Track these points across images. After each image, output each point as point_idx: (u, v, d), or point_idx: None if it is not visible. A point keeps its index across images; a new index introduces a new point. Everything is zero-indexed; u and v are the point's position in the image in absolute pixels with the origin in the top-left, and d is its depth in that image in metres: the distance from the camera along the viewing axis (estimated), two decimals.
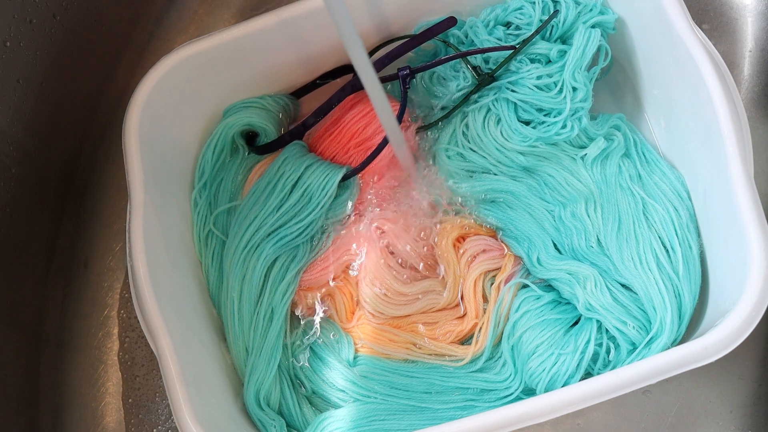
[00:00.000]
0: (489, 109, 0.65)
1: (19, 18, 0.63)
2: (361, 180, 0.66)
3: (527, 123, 0.64)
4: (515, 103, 0.64)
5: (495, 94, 0.64)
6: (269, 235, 0.63)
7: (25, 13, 0.63)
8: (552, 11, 0.64)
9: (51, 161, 0.69)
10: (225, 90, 0.68)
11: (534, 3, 0.65)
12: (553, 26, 0.64)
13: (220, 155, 0.67)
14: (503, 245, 0.64)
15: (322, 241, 0.64)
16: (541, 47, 0.63)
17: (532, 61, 0.64)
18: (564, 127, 0.62)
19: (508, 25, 0.66)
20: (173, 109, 0.65)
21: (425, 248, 0.64)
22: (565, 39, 0.65)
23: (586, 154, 0.63)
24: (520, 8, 0.65)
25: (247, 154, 0.68)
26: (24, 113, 0.65)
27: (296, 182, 0.64)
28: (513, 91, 0.63)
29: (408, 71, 0.65)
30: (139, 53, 0.78)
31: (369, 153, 0.64)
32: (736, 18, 0.75)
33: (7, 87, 0.63)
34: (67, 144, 0.72)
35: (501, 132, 0.64)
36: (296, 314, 0.64)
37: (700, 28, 0.59)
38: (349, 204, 0.65)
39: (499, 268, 0.63)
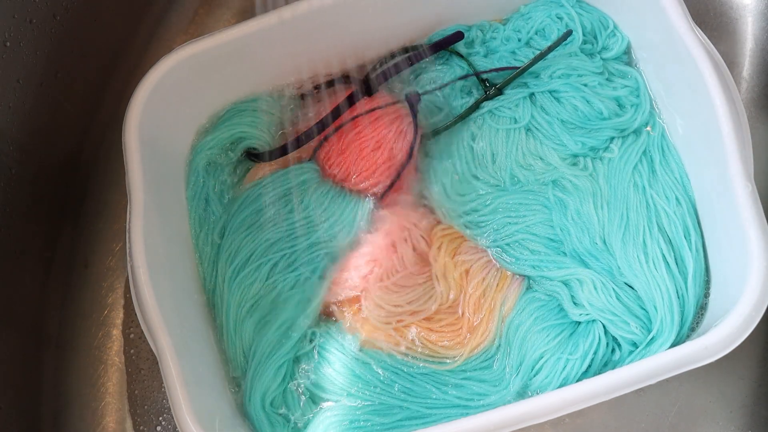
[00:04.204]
0: (513, 121, 0.65)
1: (19, 18, 0.63)
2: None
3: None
4: (556, 119, 0.64)
5: (522, 105, 0.65)
6: (285, 258, 0.63)
7: (25, 13, 0.63)
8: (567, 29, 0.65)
9: (51, 161, 0.69)
10: (225, 90, 0.68)
11: (560, 18, 0.66)
12: (593, 43, 0.66)
13: (211, 164, 0.68)
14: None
15: (339, 263, 0.64)
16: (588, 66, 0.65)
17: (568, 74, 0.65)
18: (609, 149, 0.63)
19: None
20: (173, 109, 0.65)
21: (422, 256, 0.64)
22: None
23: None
24: (542, 29, 0.66)
25: (241, 157, 0.68)
26: (24, 113, 0.65)
27: (323, 213, 0.64)
28: (555, 99, 0.64)
29: (416, 95, 0.65)
30: (139, 53, 0.78)
31: (375, 163, 0.64)
32: (736, 18, 0.75)
33: (7, 87, 0.63)
34: (67, 144, 0.72)
35: (529, 145, 0.65)
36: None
37: (700, 28, 0.59)
38: (360, 224, 0.65)
39: (500, 271, 0.63)
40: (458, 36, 0.67)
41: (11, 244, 0.65)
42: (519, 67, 0.66)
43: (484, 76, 0.67)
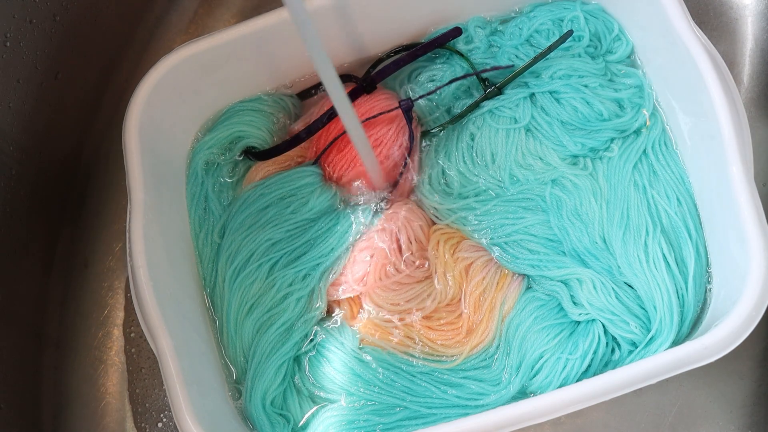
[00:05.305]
0: (514, 120, 0.65)
1: (19, 18, 0.63)
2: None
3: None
4: (556, 119, 0.64)
5: (523, 105, 0.65)
6: (285, 256, 0.64)
7: (25, 13, 0.63)
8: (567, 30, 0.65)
9: (51, 161, 0.69)
10: (224, 90, 0.68)
11: (562, 20, 0.66)
12: (597, 46, 0.66)
13: (210, 164, 0.68)
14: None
15: (339, 261, 0.64)
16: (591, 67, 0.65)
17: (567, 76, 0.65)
18: (609, 149, 0.64)
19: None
20: (173, 109, 0.65)
21: (421, 253, 0.64)
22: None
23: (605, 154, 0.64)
24: (545, 30, 0.66)
25: (240, 156, 0.68)
26: (24, 113, 0.65)
27: (324, 213, 0.64)
28: (555, 100, 0.65)
29: (409, 102, 0.65)
30: (139, 53, 0.78)
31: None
32: (736, 18, 0.75)
33: (7, 87, 0.63)
34: (67, 144, 0.72)
35: (529, 146, 0.65)
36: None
37: (700, 28, 0.59)
38: (360, 222, 0.65)
39: (500, 270, 0.63)
40: (456, 32, 0.67)
41: (11, 244, 0.65)
42: (513, 65, 0.66)
43: (485, 75, 0.67)
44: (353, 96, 0.66)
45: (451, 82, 0.66)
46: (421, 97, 0.66)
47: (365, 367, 0.60)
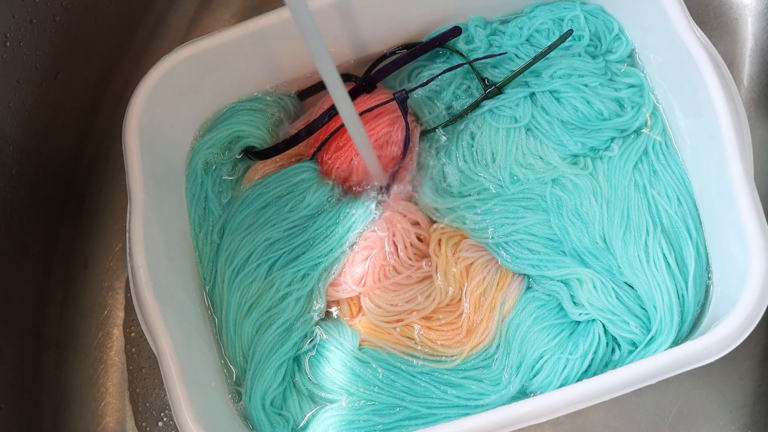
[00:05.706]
0: (514, 120, 0.65)
1: (19, 18, 0.63)
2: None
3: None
4: (556, 119, 0.65)
5: (523, 105, 0.65)
6: (284, 255, 0.64)
7: (25, 13, 0.63)
8: (567, 30, 0.65)
9: (51, 161, 0.69)
10: (224, 90, 0.68)
11: (563, 20, 0.66)
12: (597, 46, 0.66)
13: (210, 164, 0.68)
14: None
15: (338, 261, 0.64)
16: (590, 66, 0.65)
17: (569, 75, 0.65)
18: (609, 148, 0.64)
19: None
20: (173, 109, 0.65)
21: (421, 252, 0.64)
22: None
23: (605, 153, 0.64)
24: (546, 29, 0.66)
25: (239, 156, 0.68)
26: (24, 113, 0.65)
27: (322, 211, 0.64)
28: (556, 99, 0.65)
29: (404, 93, 0.65)
30: (139, 53, 0.78)
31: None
32: (736, 18, 0.75)
33: (7, 87, 0.63)
34: (67, 144, 0.72)
35: (529, 145, 0.65)
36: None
37: (700, 28, 0.59)
38: (360, 221, 0.65)
39: (500, 270, 0.63)
40: (455, 32, 0.67)
41: (11, 244, 0.65)
42: (506, 52, 0.66)
43: (481, 70, 0.66)
44: (353, 95, 0.66)
45: (445, 71, 0.66)
46: (416, 88, 0.66)
47: (365, 367, 0.60)
